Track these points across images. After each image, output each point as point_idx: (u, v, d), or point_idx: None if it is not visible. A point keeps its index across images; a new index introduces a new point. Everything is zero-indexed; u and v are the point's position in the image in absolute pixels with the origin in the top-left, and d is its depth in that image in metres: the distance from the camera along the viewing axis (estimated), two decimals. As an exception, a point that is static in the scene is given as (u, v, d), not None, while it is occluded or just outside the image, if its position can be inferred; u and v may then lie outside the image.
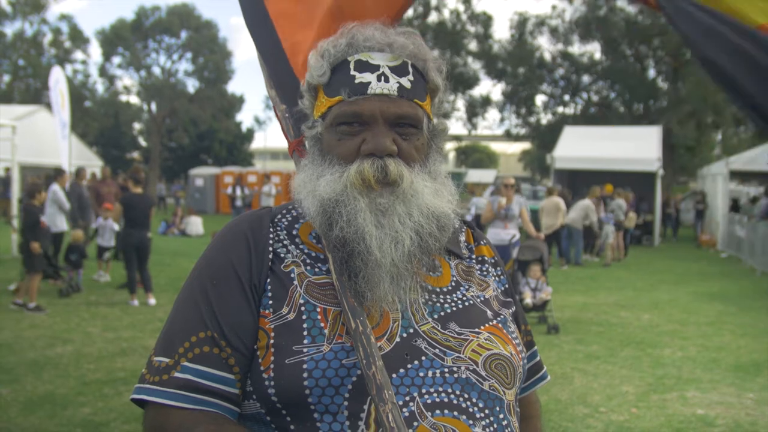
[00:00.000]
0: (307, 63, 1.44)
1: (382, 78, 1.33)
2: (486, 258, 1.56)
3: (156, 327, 8.79)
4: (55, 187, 11.76)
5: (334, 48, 1.37)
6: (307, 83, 1.42)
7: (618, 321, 10.08)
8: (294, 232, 1.43)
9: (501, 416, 1.31)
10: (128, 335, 8.33)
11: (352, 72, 1.34)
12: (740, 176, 25.93)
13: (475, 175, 44.95)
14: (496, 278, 1.54)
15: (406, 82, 1.34)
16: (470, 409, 1.27)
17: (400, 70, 1.35)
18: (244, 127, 55.56)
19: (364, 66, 1.34)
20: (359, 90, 1.33)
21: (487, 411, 1.29)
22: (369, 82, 1.33)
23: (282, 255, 1.38)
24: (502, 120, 41.60)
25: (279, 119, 1.64)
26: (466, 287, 1.45)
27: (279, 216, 1.46)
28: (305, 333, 1.27)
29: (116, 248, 12.80)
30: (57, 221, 11.51)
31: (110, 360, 7.21)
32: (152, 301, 10.44)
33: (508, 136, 42.14)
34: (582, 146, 22.12)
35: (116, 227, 11.79)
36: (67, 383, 6.36)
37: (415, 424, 1.22)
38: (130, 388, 6.24)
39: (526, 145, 52.79)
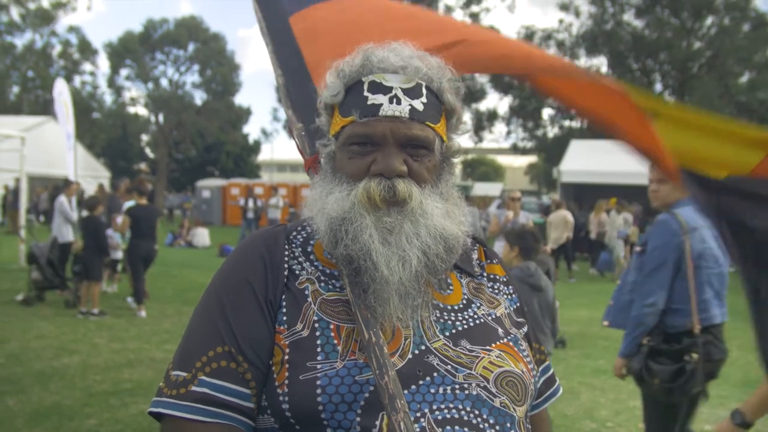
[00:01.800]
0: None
1: (394, 100, 1.34)
2: (498, 276, 1.56)
3: (162, 338, 8.80)
4: (62, 199, 11.79)
5: (349, 68, 1.38)
6: (324, 102, 1.43)
7: (625, 335, 10.03)
8: (309, 249, 1.44)
9: None
10: (134, 346, 8.34)
11: (365, 93, 1.35)
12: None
13: (481, 189, 44.96)
14: (508, 297, 1.54)
15: (418, 104, 1.35)
16: (481, 426, 1.27)
17: (413, 93, 1.35)
18: (251, 139, 55.75)
19: (377, 87, 1.35)
20: (371, 111, 1.34)
21: (498, 427, 1.29)
22: (381, 104, 1.33)
23: (297, 272, 1.39)
24: (508, 133, 41.63)
25: (295, 138, 1.66)
26: (477, 305, 1.45)
27: (294, 233, 1.48)
28: (319, 349, 1.28)
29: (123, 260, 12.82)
30: (63, 232, 11.54)
31: (117, 371, 7.21)
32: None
33: (515, 150, 42.18)
34: (589, 160, 22.08)
35: (118, 239, 11.72)
36: (73, 394, 6.36)
37: None
38: (136, 399, 6.24)
39: (532, 159, 52.81)
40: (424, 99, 1.36)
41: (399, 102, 1.34)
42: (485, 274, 1.54)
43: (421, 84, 1.37)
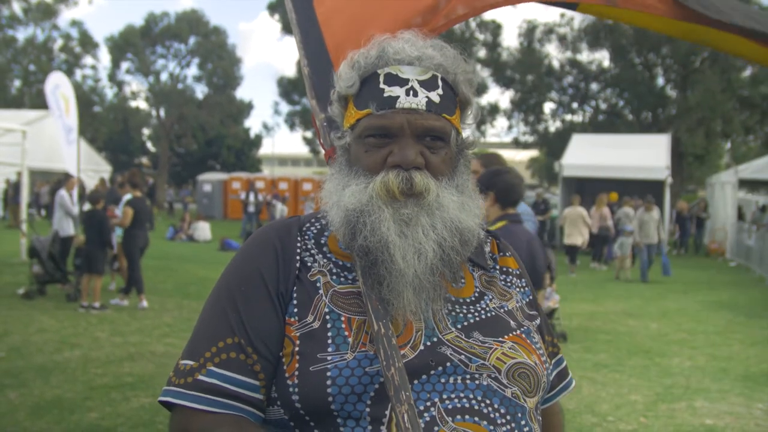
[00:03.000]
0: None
1: (411, 92, 1.33)
2: (510, 269, 1.56)
3: (163, 332, 8.81)
4: (63, 192, 11.80)
5: (364, 60, 1.38)
6: (337, 93, 1.43)
7: (626, 329, 10.05)
8: (322, 241, 1.44)
9: (523, 423, 1.31)
10: (136, 340, 8.35)
11: (381, 85, 1.35)
12: (749, 185, 25.80)
13: (482, 183, 44.82)
14: (521, 290, 1.54)
15: (434, 96, 1.35)
16: (491, 415, 1.27)
17: (429, 84, 1.35)
18: (252, 133, 55.68)
19: (393, 79, 1.35)
20: (388, 104, 1.33)
21: (508, 417, 1.29)
22: (398, 96, 1.33)
23: (309, 264, 1.39)
24: (510, 128, 41.53)
25: (317, 128, 1.67)
26: (489, 298, 1.45)
27: (308, 224, 1.48)
28: (329, 341, 1.28)
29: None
30: (65, 226, 11.55)
31: (118, 365, 7.22)
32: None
33: (516, 144, 42.06)
34: (590, 154, 22.07)
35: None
36: (74, 388, 6.37)
37: (436, 429, 1.23)
38: (137, 393, 6.25)
39: (534, 153, 52.68)
40: (440, 91, 1.36)
41: (416, 94, 1.33)
42: (498, 267, 1.54)
43: (437, 76, 1.37)
